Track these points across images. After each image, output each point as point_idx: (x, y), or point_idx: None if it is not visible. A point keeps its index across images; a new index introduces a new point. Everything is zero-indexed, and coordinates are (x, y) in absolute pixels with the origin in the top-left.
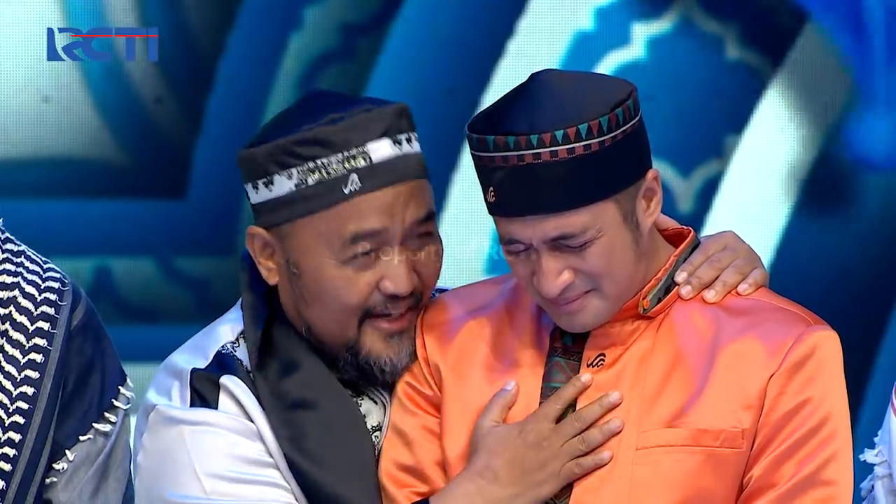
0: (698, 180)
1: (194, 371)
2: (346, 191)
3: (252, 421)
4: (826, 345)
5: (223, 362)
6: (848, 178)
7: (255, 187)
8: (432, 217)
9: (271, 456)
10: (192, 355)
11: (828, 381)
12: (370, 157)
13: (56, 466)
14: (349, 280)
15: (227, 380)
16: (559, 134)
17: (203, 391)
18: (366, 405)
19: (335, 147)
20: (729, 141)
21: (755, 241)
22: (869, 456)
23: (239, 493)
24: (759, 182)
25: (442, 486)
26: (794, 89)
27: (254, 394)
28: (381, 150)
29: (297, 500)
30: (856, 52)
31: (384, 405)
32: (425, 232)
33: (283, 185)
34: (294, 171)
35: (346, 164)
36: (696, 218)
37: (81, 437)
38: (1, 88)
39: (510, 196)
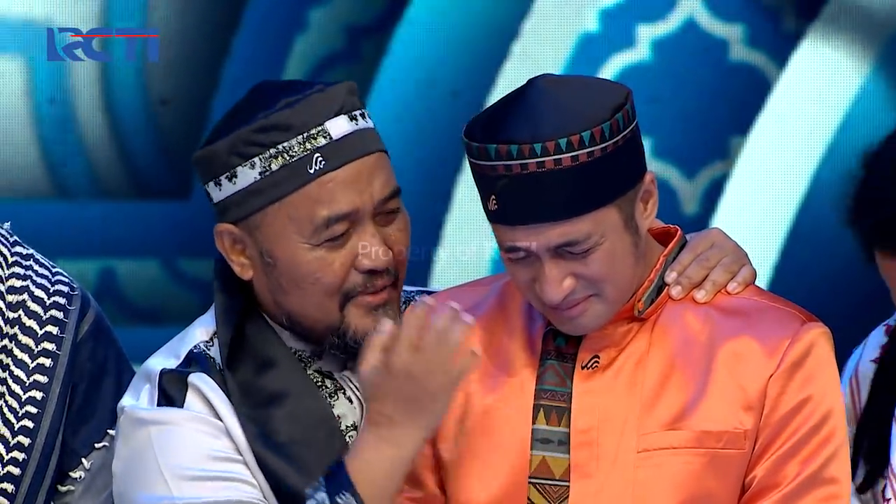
0: (703, 182)
1: (163, 371)
2: (312, 171)
3: (220, 418)
4: (821, 341)
5: (194, 360)
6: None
7: (218, 184)
8: (398, 193)
9: (239, 453)
10: (164, 357)
11: (826, 378)
12: (330, 135)
13: (73, 475)
14: (324, 261)
15: (195, 378)
16: (563, 142)
17: (170, 391)
18: (341, 405)
19: (294, 129)
20: (734, 142)
21: (759, 243)
22: None
23: (204, 490)
24: (764, 184)
25: (437, 491)
26: (799, 90)
27: (223, 391)
28: (339, 126)
29: (265, 496)
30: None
31: (361, 404)
32: (393, 209)
33: (247, 175)
34: (256, 159)
35: (308, 144)
36: (702, 220)
37: (97, 445)
38: (6, 90)
39: (513, 204)
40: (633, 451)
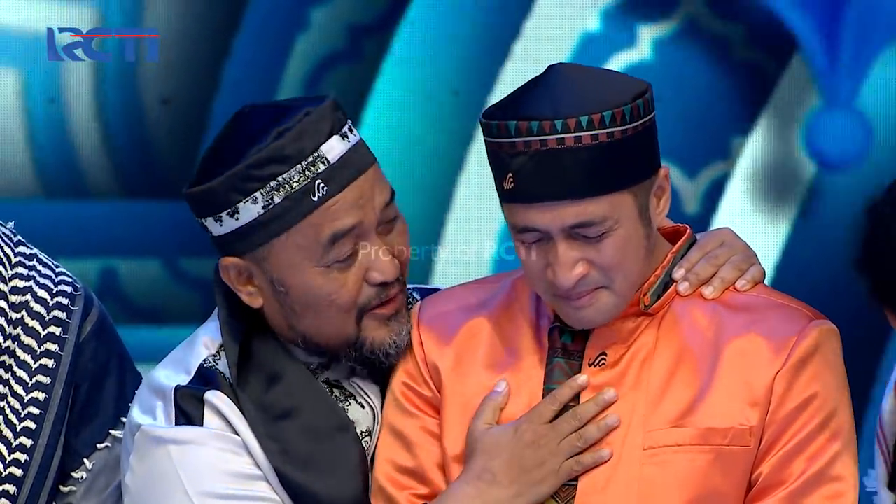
0: (704, 181)
1: (178, 388)
2: (315, 198)
3: (237, 434)
4: (828, 339)
5: (206, 377)
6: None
7: (218, 220)
8: (394, 196)
9: (259, 468)
10: (174, 371)
11: (832, 375)
12: (327, 159)
13: (75, 475)
14: (337, 281)
15: (210, 395)
16: (584, 119)
17: (187, 409)
18: (353, 411)
19: (292, 160)
20: (735, 142)
21: (761, 243)
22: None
23: None
24: (765, 183)
25: (444, 487)
26: (802, 89)
27: (238, 407)
28: (334, 149)
29: None
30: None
31: (372, 410)
32: (392, 217)
33: (250, 210)
34: (258, 194)
35: (308, 172)
36: (702, 219)
37: (99, 445)
38: (6, 89)
39: (530, 182)
40: (639, 449)
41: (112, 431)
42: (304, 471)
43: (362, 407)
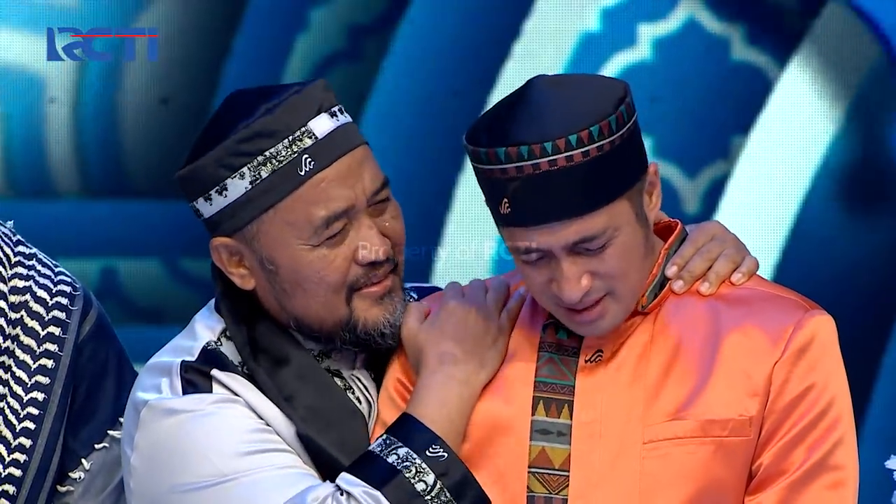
0: (705, 181)
1: (184, 363)
2: (302, 173)
3: (251, 406)
4: (825, 329)
5: (211, 357)
6: (855, 178)
7: (208, 199)
8: (388, 184)
9: (269, 425)
10: (175, 355)
11: (829, 365)
12: (315, 135)
13: (72, 475)
14: (326, 259)
15: (218, 373)
16: (573, 138)
17: (195, 380)
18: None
19: (279, 134)
20: (735, 142)
21: (761, 242)
22: (893, 463)
23: (258, 463)
24: (765, 183)
25: None
26: (802, 89)
27: (253, 384)
28: (322, 125)
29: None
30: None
31: (369, 404)
32: (384, 198)
33: (238, 186)
34: (245, 169)
35: (295, 147)
36: (703, 219)
37: (97, 446)
38: (6, 89)
39: (527, 206)
40: (639, 443)
41: (110, 432)
42: (327, 440)
43: (359, 401)
